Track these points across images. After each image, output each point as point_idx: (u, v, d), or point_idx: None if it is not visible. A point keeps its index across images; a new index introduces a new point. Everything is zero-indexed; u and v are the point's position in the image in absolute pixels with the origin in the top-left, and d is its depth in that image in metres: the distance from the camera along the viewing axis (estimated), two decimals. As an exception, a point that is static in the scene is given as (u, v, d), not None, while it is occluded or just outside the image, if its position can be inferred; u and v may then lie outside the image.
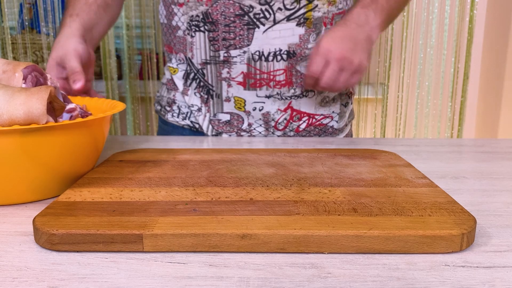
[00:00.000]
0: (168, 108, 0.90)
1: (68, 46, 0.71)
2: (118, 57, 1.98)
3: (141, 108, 2.04)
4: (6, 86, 0.49)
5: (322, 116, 0.85)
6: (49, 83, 0.57)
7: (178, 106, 0.88)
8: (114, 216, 0.40)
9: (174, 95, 0.89)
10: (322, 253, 0.38)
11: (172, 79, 0.89)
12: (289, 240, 0.37)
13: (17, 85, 0.54)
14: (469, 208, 0.47)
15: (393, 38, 1.96)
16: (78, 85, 0.68)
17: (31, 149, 0.46)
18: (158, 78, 1.98)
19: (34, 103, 0.46)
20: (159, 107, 0.94)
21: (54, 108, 0.51)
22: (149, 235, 0.37)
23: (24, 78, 0.54)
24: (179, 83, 0.87)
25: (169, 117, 0.90)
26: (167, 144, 0.78)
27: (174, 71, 0.87)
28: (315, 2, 0.75)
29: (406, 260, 0.37)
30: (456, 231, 0.37)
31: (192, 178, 0.52)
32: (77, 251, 0.38)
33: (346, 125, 0.91)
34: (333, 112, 0.86)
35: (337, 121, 0.87)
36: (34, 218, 0.40)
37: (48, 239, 0.38)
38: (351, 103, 0.92)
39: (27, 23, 1.90)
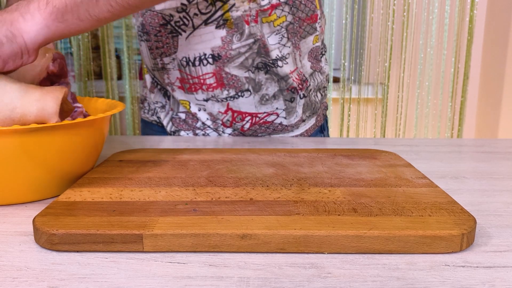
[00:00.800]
0: (141, 105, 0.96)
1: None
2: (118, 57, 1.98)
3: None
4: (20, 82, 0.49)
5: (265, 114, 0.83)
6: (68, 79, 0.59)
7: (148, 103, 0.93)
8: (114, 216, 0.40)
9: (146, 93, 0.94)
10: (322, 253, 0.38)
11: (145, 77, 0.94)
12: (289, 240, 0.37)
13: (44, 65, 0.55)
14: (469, 208, 0.47)
15: (393, 38, 1.96)
16: None
17: (31, 149, 0.46)
18: (158, 78, 1.98)
19: (48, 101, 0.46)
20: (141, 105, 0.99)
21: (63, 109, 0.51)
22: (149, 235, 0.37)
23: (53, 60, 0.55)
24: (148, 82, 0.92)
25: (142, 113, 0.96)
26: (167, 144, 0.78)
27: (146, 72, 0.92)
28: (231, 2, 0.74)
29: (406, 260, 0.37)
30: (456, 231, 0.37)
31: (192, 178, 0.52)
32: (77, 251, 0.38)
33: (303, 120, 0.87)
34: (277, 108, 0.83)
35: (285, 117, 0.84)
36: (34, 218, 0.40)
37: (48, 239, 0.38)
38: (302, 97, 0.84)
39: (27, 23, 1.90)
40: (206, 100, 0.82)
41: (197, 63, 0.78)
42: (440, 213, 0.41)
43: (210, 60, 0.77)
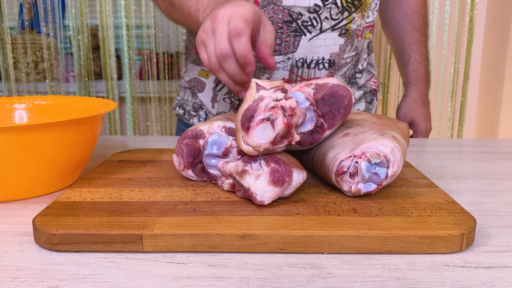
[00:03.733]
0: (193, 113, 0.88)
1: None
2: (118, 57, 1.98)
3: (141, 108, 2.03)
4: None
5: None
6: None
7: (205, 112, 0.86)
8: (114, 216, 0.40)
9: (201, 100, 0.86)
10: (322, 253, 0.38)
11: (201, 81, 0.86)
12: (289, 241, 0.37)
13: None
14: (469, 208, 0.47)
15: (393, 38, 1.96)
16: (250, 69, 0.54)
17: (27, 145, 0.46)
18: (158, 78, 1.98)
19: None
20: (182, 111, 0.91)
21: None
22: (149, 235, 0.37)
23: None
24: (209, 88, 0.85)
25: (195, 121, 0.88)
26: (167, 144, 0.78)
27: (207, 75, 0.85)
28: (353, 15, 0.78)
29: (406, 260, 0.37)
30: (456, 231, 0.37)
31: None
32: (77, 251, 0.38)
33: None
34: (358, 109, 0.89)
35: None
36: (34, 218, 0.40)
37: (48, 239, 0.38)
38: (376, 100, 0.94)
39: (27, 23, 1.90)
40: None
41: (312, 65, 0.78)
42: (440, 213, 0.41)
43: (326, 65, 0.78)
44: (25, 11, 1.91)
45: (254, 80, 0.45)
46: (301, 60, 0.77)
